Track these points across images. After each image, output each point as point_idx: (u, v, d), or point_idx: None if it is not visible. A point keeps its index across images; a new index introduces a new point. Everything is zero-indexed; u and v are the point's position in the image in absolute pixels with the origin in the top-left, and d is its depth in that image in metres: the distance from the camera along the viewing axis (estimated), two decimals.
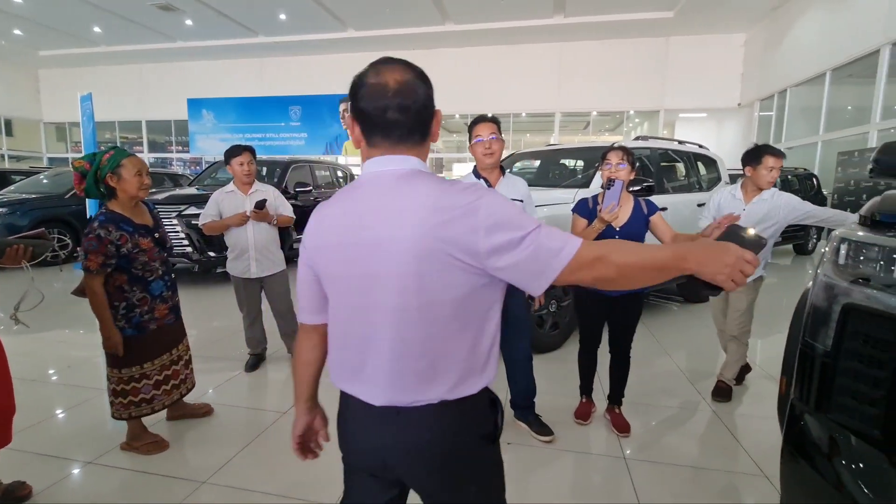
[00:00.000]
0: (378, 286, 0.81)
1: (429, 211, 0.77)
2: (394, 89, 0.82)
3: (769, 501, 1.89)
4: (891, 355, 0.90)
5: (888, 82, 7.51)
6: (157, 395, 2.17)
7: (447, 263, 0.78)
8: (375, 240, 0.80)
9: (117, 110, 16.00)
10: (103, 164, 1.93)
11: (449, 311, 0.81)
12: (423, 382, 0.83)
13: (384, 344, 0.83)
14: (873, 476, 0.91)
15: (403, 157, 0.85)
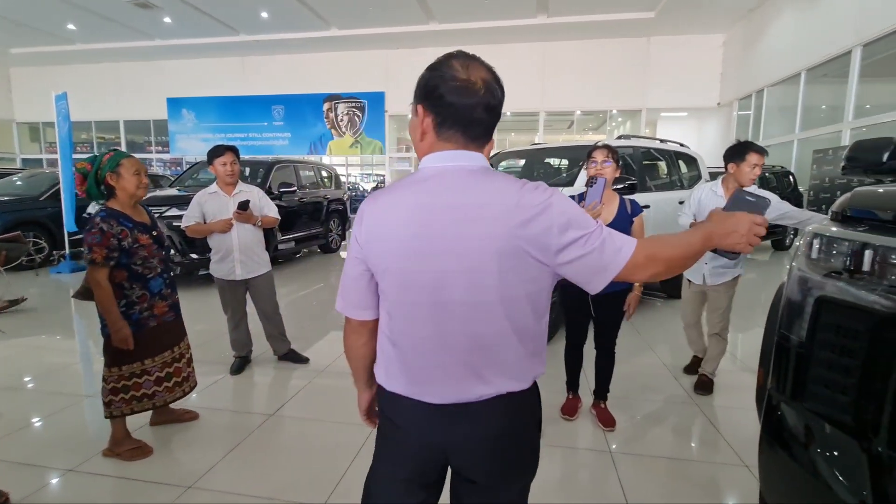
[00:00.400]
0: (452, 282, 0.81)
1: (510, 209, 0.79)
2: (483, 88, 0.83)
3: (749, 490, 1.94)
4: (861, 345, 0.94)
5: (860, 82, 7.75)
6: (159, 392, 2.18)
7: (524, 260, 0.80)
8: (455, 235, 0.80)
9: (94, 110, 15.61)
10: (103, 165, 2.00)
11: (525, 306, 0.84)
12: (493, 376, 0.85)
13: (454, 340, 0.83)
14: (846, 462, 0.94)
15: (473, 153, 0.86)
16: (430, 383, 0.86)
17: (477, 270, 0.80)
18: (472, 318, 0.82)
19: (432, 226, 0.80)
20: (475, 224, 0.79)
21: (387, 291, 0.87)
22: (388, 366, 0.90)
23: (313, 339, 3.86)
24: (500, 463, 0.90)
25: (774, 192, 8.29)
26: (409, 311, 0.85)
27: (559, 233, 0.79)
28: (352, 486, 1.93)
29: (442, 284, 0.81)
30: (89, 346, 3.80)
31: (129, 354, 2.07)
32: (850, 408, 0.95)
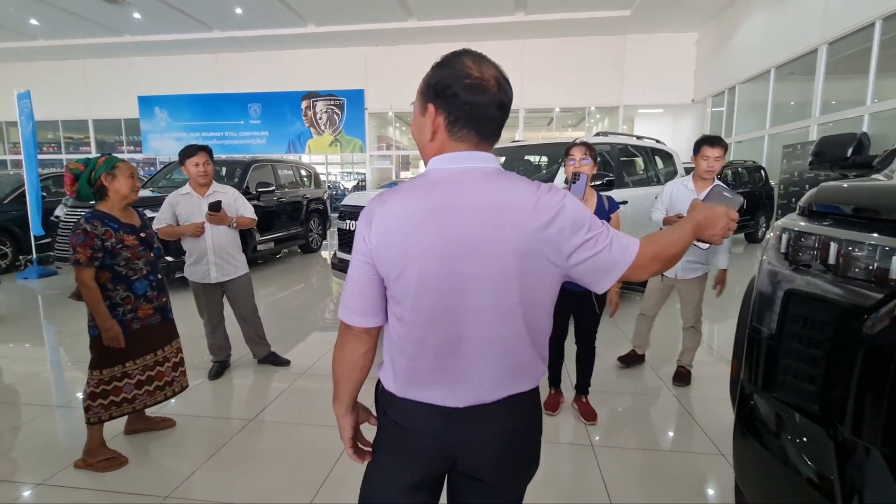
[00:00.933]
0: (473, 286, 0.80)
1: (529, 211, 0.79)
2: (496, 86, 0.82)
3: (726, 478, 1.99)
4: (827, 336, 0.97)
5: (825, 79, 8.03)
6: (139, 395, 2.15)
7: (541, 263, 0.81)
8: (476, 239, 0.78)
9: (60, 108, 15.05)
10: (99, 166, 2.02)
11: (540, 308, 0.85)
12: (511, 378, 0.86)
13: (473, 344, 0.83)
14: (814, 449, 0.98)
15: (486, 154, 0.85)
16: (447, 387, 0.85)
17: (497, 274, 0.79)
18: (492, 321, 0.82)
19: (451, 229, 0.79)
20: (495, 227, 0.79)
21: (399, 297, 0.83)
22: (398, 373, 0.88)
23: (294, 341, 3.81)
24: (510, 461, 0.92)
25: (746, 186, 8.58)
26: (425, 317, 0.82)
27: (571, 234, 0.81)
28: (335, 489, 1.91)
29: (462, 288, 0.80)
30: (59, 354, 3.67)
31: (112, 356, 2.05)
32: (817, 397, 0.98)
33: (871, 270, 0.94)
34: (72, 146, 16.26)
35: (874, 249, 0.94)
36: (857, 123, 7.20)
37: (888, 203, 1.08)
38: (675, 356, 3.63)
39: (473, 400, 0.85)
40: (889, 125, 6.86)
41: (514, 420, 0.90)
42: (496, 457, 0.90)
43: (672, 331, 4.08)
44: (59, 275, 6.42)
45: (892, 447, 0.82)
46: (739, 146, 11.20)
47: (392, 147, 16.61)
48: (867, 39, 6.98)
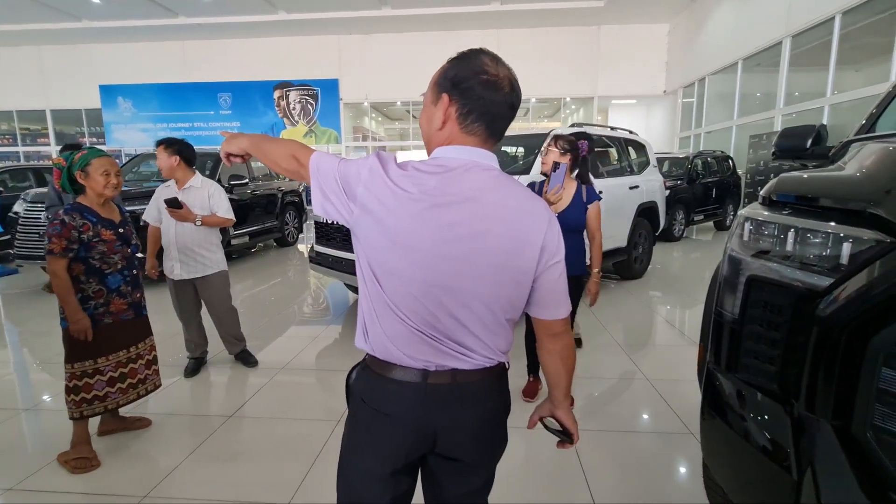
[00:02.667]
0: (463, 270, 0.84)
1: (527, 213, 0.87)
2: (509, 86, 0.86)
3: (696, 455, 2.09)
4: (784, 319, 1.03)
5: (789, 71, 8.31)
6: (111, 393, 2.12)
7: (521, 260, 0.86)
8: (478, 230, 0.83)
9: (14, 98, 14.29)
10: (74, 163, 2.03)
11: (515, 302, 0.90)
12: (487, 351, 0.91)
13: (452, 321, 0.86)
14: (773, 425, 1.04)
15: (490, 153, 0.89)
16: (423, 354, 0.87)
17: (487, 264, 0.84)
18: (474, 303, 0.86)
19: (455, 214, 0.82)
20: (494, 222, 0.84)
21: (390, 263, 0.84)
22: (374, 340, 0.90)
23: (271, 336, 3.77)
24: (486, 440, 0.97)
25: (715, 175, 8.84)
26: (418, 290, 0.85)
27: (556, 250, 0.90)
28: (316, 483, 1.92)
29: (450, 269, 0.83)
30: (23, 356, 3.53)
31: (82, 351, 2.03)
32: (776, 376, 1.04)
33: (823, 256, 0.99)
34: (28, 138, 15.47)
35: (826, 236, 1.00)
36: (819, 114, 7.51)
37: (836, 192, 1.15)
38: (648, 341, 3.76)
39: (441, 365, 0.88)
40: (847, 116, 7.18)
41: (490, 398, 0.94)
42: (475, 436, 0.94)
43: (645, 316, 4.22)
44: (19, 273, 6.14)
45: (842, 420, 0.89)
46: (709, 136, 11.52)
47: (368, 138, 16.41)
48: (828, 33, 7.26)
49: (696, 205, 8.26)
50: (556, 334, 0.97)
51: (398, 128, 18.92)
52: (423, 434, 0.91)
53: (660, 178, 5.75)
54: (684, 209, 8.00)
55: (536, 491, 1.90)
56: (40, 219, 4.97)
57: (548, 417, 1.08)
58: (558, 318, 0.95)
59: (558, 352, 0.99)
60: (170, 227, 2.80)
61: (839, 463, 0.86)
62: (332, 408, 2.56)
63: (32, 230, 5.05)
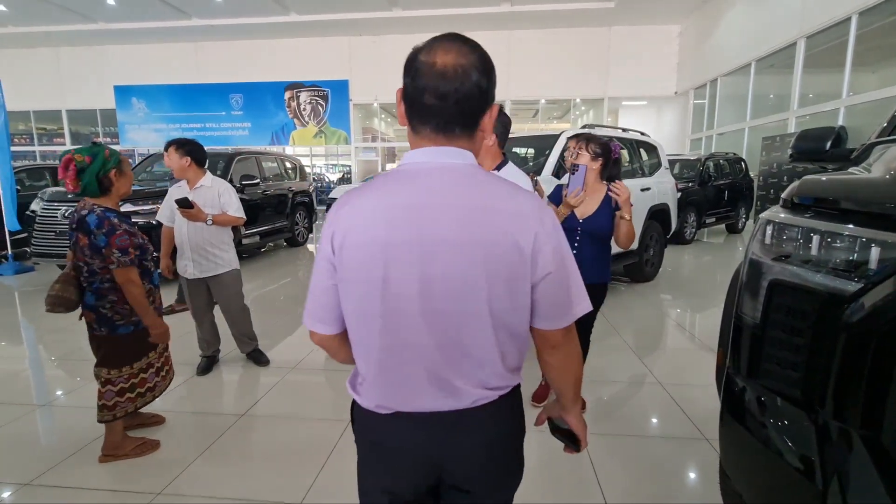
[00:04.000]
0: (441, 289, 0.75)
1: (510, 215, 0.75)
2: (439, 71, 0.73)
3: (710, 462, 2.06)
4: (809, 324, 1.01)
5: (804, 72, 8.20)
6: (159, 383, 2.20)
7: (513, 273, 0.76)
8: (450, 239, 0.74)
9: (31, 98, 14.52)
10: (108, 159, 1.93)
11: (514, 318, 0.80)
12: (482, 386, 0.82)
13: (443, 351, 0.78)
14: (796, 432, 1.02)
15: (454, 149, 0.78)
16: (419, 395, 0.80)
17: (466, 278, 0.75)
18: (460, 327, 0.77)
19: (424, 227, 0.74)
20: (472, 228, 0.74)
21: (366, 302, 0.77)
22: (368, 385, 0.83)
23: (281, 335, 3.79)
24: (494, 470, 0.89)
25: (727, 177, 8.75)
26: (393, 323, 0.77)
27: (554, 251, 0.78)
28: (327, 484, 1.92)
29: (431, 293, 0.75)
30: (38, 353, 3.58)
31: (140, 351, 2.09)
32: (799, 383, 1.02)
33: (850, 261, 0.97)
34: (45, 137, 15.73)
35: (853, 240, 0.98)
36: (834, 116, 7.40)
37: (866, 195, 1.12)
38: (659, 344, 3.73)
39: (441, 406, 0.81)
40: (863, 118, 7.06)
41: (497, 426, 0.86)
42: (482, 466, 0.87)
43: (656, 319, 4.18)
44: (35, 271, 6.24)
45: (870, 429, 0.87)
46: (721, 138, 11.40)
47: (377, 139, 16.46)
48: (844, 33, 7.15)
49: (708, 207, 8.17)
50: (555, 346, 0.86)
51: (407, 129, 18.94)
52: (427, 466, 0.85)
53: (671, 181, 5.70)
54: (696, 212, 7.92)
55: (549, 493, 1.89)
56: (57, 217, 5.05)
57: (557, 418, 1.02)
58: (558, 328, 0.83)
59: (557, 365, 0.89)
60: (182, 227, 2.83)
61: (868, 472, 0.84)
62: (343, 407, 2.57)
63: (49, 228, 5.12)
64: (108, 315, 1.98)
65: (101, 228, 1.89)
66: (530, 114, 16.70)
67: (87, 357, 3.31)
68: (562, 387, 0.93)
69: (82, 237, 1.90)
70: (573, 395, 0.94)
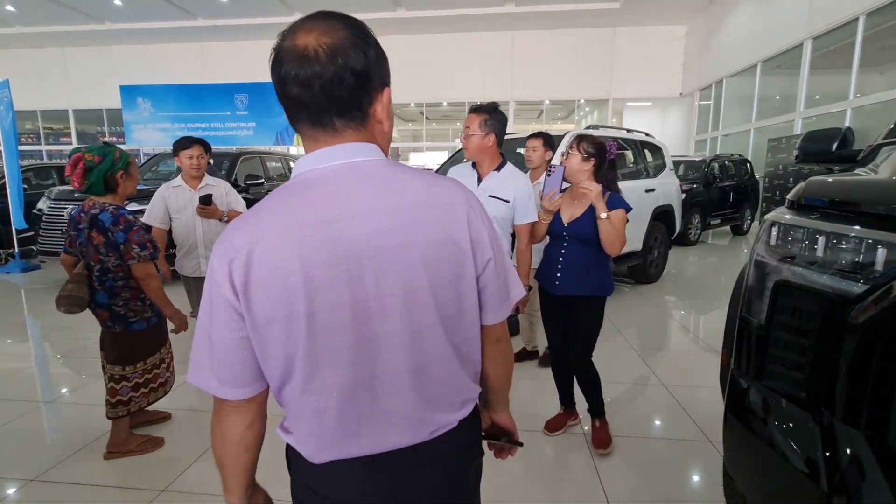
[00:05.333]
0: (379, 310, 0.64)
1: (430, 210, 0.66)
2: (297, 55, 0.62)
3: (713, 463, 2.05)
4: (814, 326, 1.01)
5: (810, 73, 8.16)
6: (169, 378, 2.24)
7: (455, 266, 0.68)
8: (378, 249, 0.63)
9: (39, 98, 14.63)
10: (116, 161, 1.95)
11: (468, 322, 0.72)
12: (447, 407, 0.73)
13: (390, 378, 0.67)
14: (800, 434, 1.01)
15: (357, 145, 0.66)
16: (378, 433, 0.69)
17: (408, 291, 0.65)
18: (410, 347, 0.67)
19: (345, 243, 0.62)
20: (400, 231, 0.64)
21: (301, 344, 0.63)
22: (302, 437, 0.71)
23: None
24: (456, 499, 0.78)
25: (733, 178, 8.71)
26: (324, 362, 0.64)
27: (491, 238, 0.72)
28: None
29: (367, 316, 0.64)
30: (44, 349, 3.61)
31: (153, 347, 2.13)
32: (804, 384, 1.02)
33: (856, 262, 0.97)
34: (52, 137, 15.86)
35: (859, 241, 0.98)
36: (840, 118, 7.35)
37: (872, 197, 1.12)
38: (663, 346, 3.72)
39: (400, 443, 0.70)
40: (870, 119, 7.01)
41: (457, 454, 0.76)
42: (442, 498, 0.75)
43: (661, 321, 4.17)
44: (42, 269, 6.29)
45: (875, 431, 0.86)
46: (726, 139, 11.35)
47: None
48: (851, 34, 7.11)
49: (713, 209, 8.14)
50: (499, 339, 0.80)
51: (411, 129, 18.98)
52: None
53: (676, 182, 5.68)
54: (700, 213, 7.89)
55: (552, 494, 1.89)
56: (63, 216, 5.09)
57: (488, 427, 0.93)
58: (499, 321, 0.77)
59: (501, 358, 0.82)
60: (196, 226, 2.84)
61: (874, 474, 0.83)
62: None
63: (56, 226, 5.16)
64: (122, 312, 2.00)
65: (118, 225, 1.91)
66: (534, 114, 16.69)
67: (93, 355, 3.34)
68: (503, 383, 0.87)
69: (97, 235, 1.91)
70: (506, 391, 0.89)
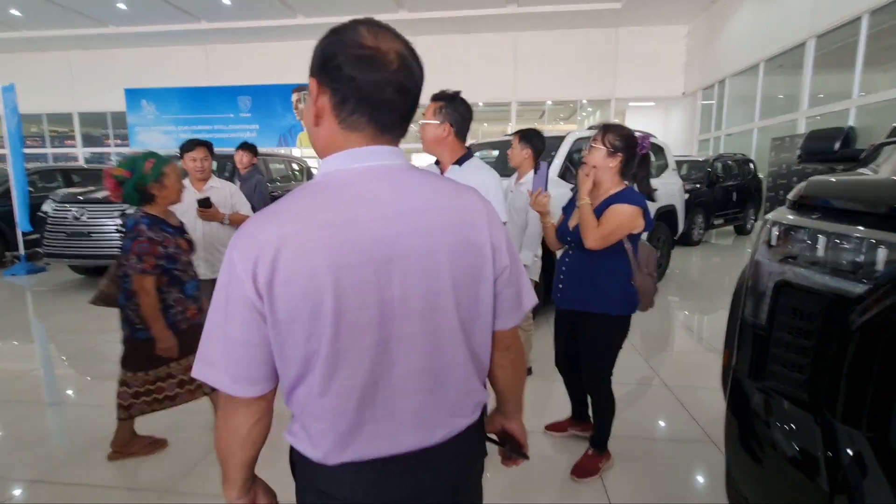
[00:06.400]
0: (401, 311, 0.66)
1: (455, 215, 0.69)
2: (397, 62, 0.65)
3: (716, 464, 2.05)
4: (815, 326, 1.00)
5: (813, 72, 8.11)
6: (181, 394, 2.15)
7: (476, 270, 0.70)
8: (403, 252, 0.64)
9: (44, 101, 14.71)
10: (146, 174, 1.94)
11: (484, 326, 0.74)
12: (461, 411, 0.75)
13: (407, 380, 0.68)
14: (802, 434, 1.01)
15: (393, 148, 0.70)
16: (381, 436, 0.69)
17: (430, 293, 0.66)
18: (428, 350, 0.69)
19: (373, 245, 0.63)
20: (428, 234, 0.66)
21: (308, 343, 0.64)
22: (316, 438, 0.70)
23: None
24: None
25: (736, 178, 8.67)
26: (345, 362, 0.65)
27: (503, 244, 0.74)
28: None
29: (390, 317, 0.65)
30: (50, 351, 3.63)
31: (157, 359, 2.04)
32: (806, 385, 1.02)
33: (857, 262, 0.97)
34: (57, 140, 15.96)
35: (860, 242, 0.97)
36: (844, 117, 7.31)
37: (874, 196, 1.12)
38: (666, 347, 3.71)
39: (413, 444, 0.71)
40: (874, 118, 6.97)
41: (466, 458, 0.78)
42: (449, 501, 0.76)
43: (664, 321, 4.16)
44: (47, 271, 6.33)
45: (877, 432, 0.86)
46: (729, 139, 11.31)
47: None
48: (854, 33, 7.06)
49: (716, 209, 8.11)
50: (508, 346, 0.81)
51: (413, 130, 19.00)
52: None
53: (679, 182, 5.66)
54: (704, 213, 7.86)
55: (553, 494, 1.89)
56: (68, 218, 5.13)
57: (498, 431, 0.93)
58: (510, 327, 0.78)
59: (509, 366, 0.83)
60: (196, 228, 2.85)
61: (875, 476, 0.83)
62: None
63: (60, 229, 5.20)
64: (131, 318, 2.00)
65: (131, 233, 1.93)
66: (537, 115, 16.67)
67: (97, 357, 3.36)
68: (514, 391, 0.87)
69: None
70: (519, 399, 0.89)
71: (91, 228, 5.02)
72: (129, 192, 1.95)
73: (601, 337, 1.86)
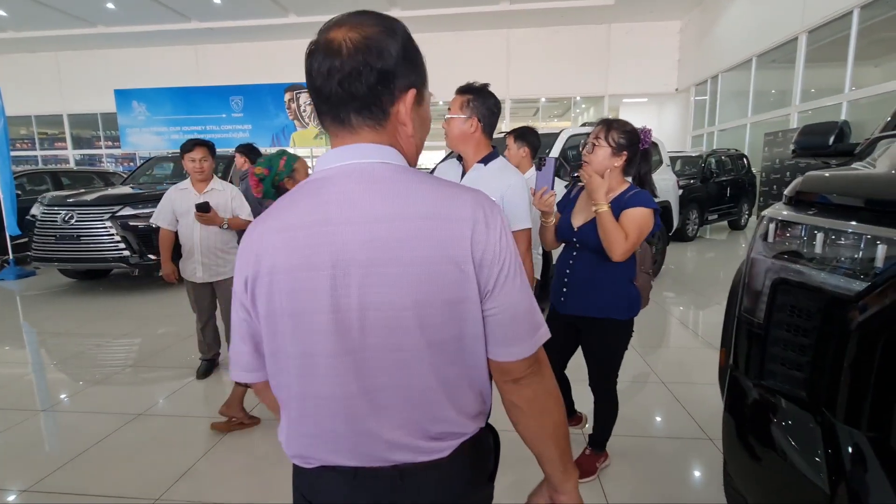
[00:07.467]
0: (363, 322, 0.62)
1: (431, 225, 0.61)
2: (324, 48, 0.62)
3: (713, 461, 2.04)
4: (814, 324, 0.99)
5: (805, 67, 8.15)
6: None
7: (451, 288, 0.61)
8: (356, 261, 0.61)
9: (33, 103, 14.55)
10: (280, 170, 2.09)
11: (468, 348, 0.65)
12: (420, 435, 0.67)
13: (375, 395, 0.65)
14: (800, 433, 1.00)
15: (370, 146, 0.65)
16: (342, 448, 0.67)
17: (391, 306, 0.61)
18: (392, 366, 0.63)
19: (335, 249, 0.61)
20: (391, 244, 0.60)
21: (274, 339, 0.66)
22: (287, 432, 0.72)
23: None
24: None
25: (730, 174, 8.70)
26: (305, 366, 0.64)
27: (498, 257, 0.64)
28: None
29: (346, 329, 0.62)
30: (41, 357, 3.58)
31: None
32: (804, 383, 1.00)
33: (855, 258, 0.95)
34: (46, 142, 15.79)
35: (858, 237, 0.96)
36: (836, 111, 7.34)
37: (871, 191, 1.10)
38: (662, 343, 3.70)
39: (373, 459, 0.66)
40: (866, 112, 7.01)
41: (452, 481, 0.70)
42: None
43: (660, 317, 4.16)
44: (37, 275, 6.25)
45: (877, 431, 0.85)
46: (722, 134, 11.35)
47: None
48: (845, 27, 7.10)
49: (710, 204, 8.13)
50: (517, 380, 0.68)
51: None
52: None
53: (673, 178, 5.67)
54: (698, 208, 7.88)
55: None
56: (56, 221, 5.06)
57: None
58: (517, 358, 0.66)
59: (525, 407, 0.69)
60: (194, 231, 2.81)
61: (875, 475, 0.82)
62: None
63: (49, 233, 5.13)
64: None
65: None
66: (531, 112, 16.66)
67: (89, 361, 3.32)
68: (541, 442, 0.72)
69: None
70: (561, 457, 0.72)
71: (80, 232, 4.95)
72: (267, 187, 2.09)
73: (609, 342, 1.81)
